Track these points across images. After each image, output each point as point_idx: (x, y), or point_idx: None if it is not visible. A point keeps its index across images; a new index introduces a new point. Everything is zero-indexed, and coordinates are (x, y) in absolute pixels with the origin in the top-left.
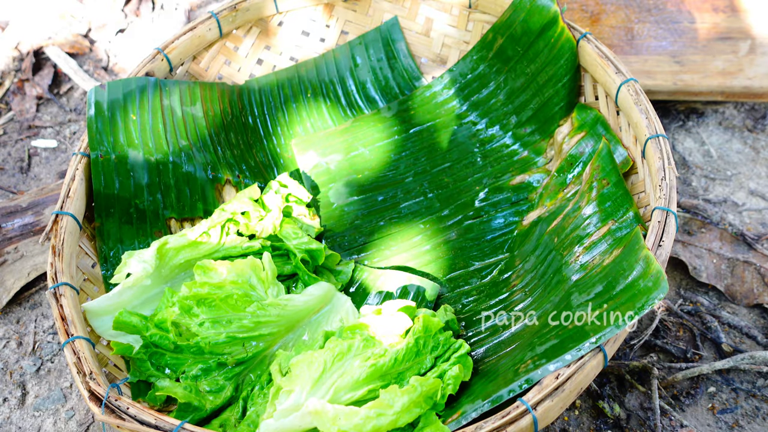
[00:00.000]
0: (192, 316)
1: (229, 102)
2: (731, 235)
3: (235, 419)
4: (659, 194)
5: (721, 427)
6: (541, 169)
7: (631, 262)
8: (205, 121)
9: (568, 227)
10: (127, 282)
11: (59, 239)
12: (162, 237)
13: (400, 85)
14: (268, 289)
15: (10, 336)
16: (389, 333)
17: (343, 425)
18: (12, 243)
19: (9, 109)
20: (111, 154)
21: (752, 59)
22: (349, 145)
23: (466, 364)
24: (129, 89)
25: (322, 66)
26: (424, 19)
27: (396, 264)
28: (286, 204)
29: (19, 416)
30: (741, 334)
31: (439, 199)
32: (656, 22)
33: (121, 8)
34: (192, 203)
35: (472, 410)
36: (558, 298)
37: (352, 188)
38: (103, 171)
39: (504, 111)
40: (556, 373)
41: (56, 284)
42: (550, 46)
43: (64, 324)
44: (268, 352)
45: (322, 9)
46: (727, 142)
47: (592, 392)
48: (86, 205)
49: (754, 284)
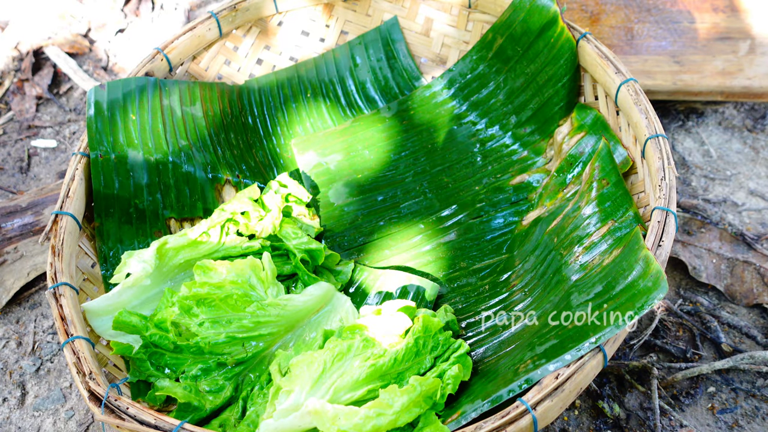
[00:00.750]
0: (192, 316)
1: (228, 102)
2: (731, 235)
3: (235, 419)
4: (659, 194)
5: (721, 427)
6: (541, 169)
7: (630, 262)
8: (205, 121)
9: (567, 227)
10: (126, 282)
11: (59, 239)
12: (162, 237)
13: (400, 85)
14: (268, 289)
15: (9, 336)
16: (389, 333)
17: (342, 425)
18: (12, 243)
19: (9, 109)
20: (111, 154)
21: (752, 59)
22: (349, 145)
23: (465, 363)
24: (128, 89)
25: (322, 66)
26: (424, 19)
27: (396, 264)
28: (286, 204)
29: (19, 416)
30: (741, 334)
31: (439, 199)
32: (656, 22)
33: (120, 8)
34: (192, 203)
35: (472, 410)
36: (558, 298)
37: (351, 188)
38: (103, 171)
39: (504, 111)
40: (555, 373)
41: (56, 284)
42: (550, 46)
43: (64, 324)
44: (268, 352)
45: (321, 9)
46: (727, 142)
47: (592, 392)
48: (86, 205)
49: (753, 284)
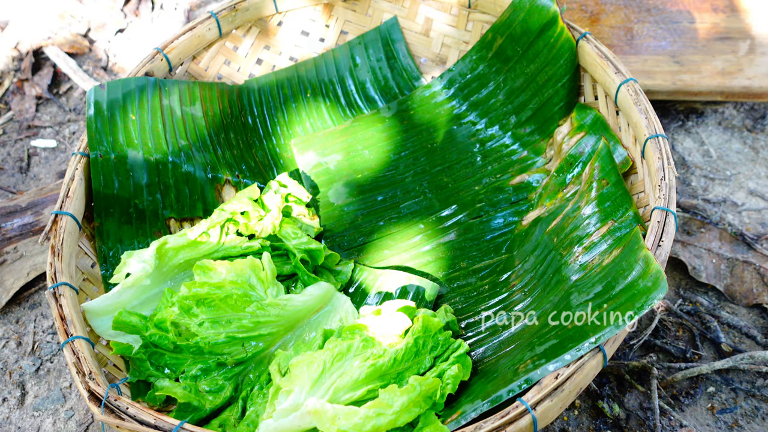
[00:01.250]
0: (191, 316)
1: (228, 102)
2: (731, 235)
3: (235, 419)
4: (658, 194)
5: (721, 427)
6: (541, 169)
7: (630, 262)
8: (205, 121)
9: (567, 227)
10: (126, 282)
11: (59, 239)
12: (161, 237)
13: (400, 84)
14: (268, 289)
15: (9, 336)
16: (389, 333)
17: (342, 425)
18: (12, 243)
19: (8, 108)
20: (110, 154)
21: (752, 59)
22: (349, 145)
23: (465, 363)
24: (128, 89)
25: (322, 66)
26: (424, 18)
27: (396, 264)
28: (286, 204)
29: (19, 416)
30: (740, 334)
31: (439, 199)
32: (656, 22)
33: (120, 8)
34: (191, 203)
35: (472, 410)
36: (557, 298)
37: (351, 188)
38: (103, 171)
39: (503, 111)
40: (555, 373)
41: (55, 284)
42: (550, 46)
43: (64, 324)
44: (268, 352)
45: (321, 9)
46: (727, 142)
47: (592, 392)
48: (86, 205)
49: (753, 284)
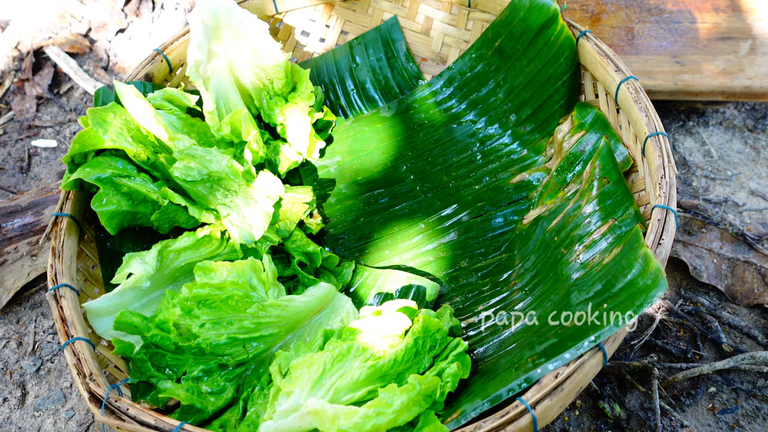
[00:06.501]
0: (193, 317)
1: None
2: (732, 235)
3: (236, 420)
4: (659, 192)
5: (722, 427)
6: (541, 168)
7: (630, 260)
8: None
9: (568, 226)
10: (127, 282)
11: (59, 241)
12: (164, 239)
13: (400, 84)
14: (269, 290)
15: (10, 336)
16: (389, 334)
17: (342, 425)
18: (12, 243)
19: (9, 108)
20: None
21: (753, 59)
22: (349, 145)
23: (464, 362)
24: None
25: (322, 66)
26: (424, 18)
27: (396, 264)
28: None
29: (19, 416)
30: (741, 334)
31: (439, 199)
32: (657, 22)
33: (121, 8)
34: None
35: (472, 409)
36: (558, 297)
37: (352, 188)
38: None
39: (503, 109)
40: (555, 372)
41: (56, 286)
42: (550, 45)
43: (64, 325)
44: (269, 353)
45: (321, 9)
46: (728, 142)
47: (593, 392)
48: (86, 206)
49: (754, 284)
